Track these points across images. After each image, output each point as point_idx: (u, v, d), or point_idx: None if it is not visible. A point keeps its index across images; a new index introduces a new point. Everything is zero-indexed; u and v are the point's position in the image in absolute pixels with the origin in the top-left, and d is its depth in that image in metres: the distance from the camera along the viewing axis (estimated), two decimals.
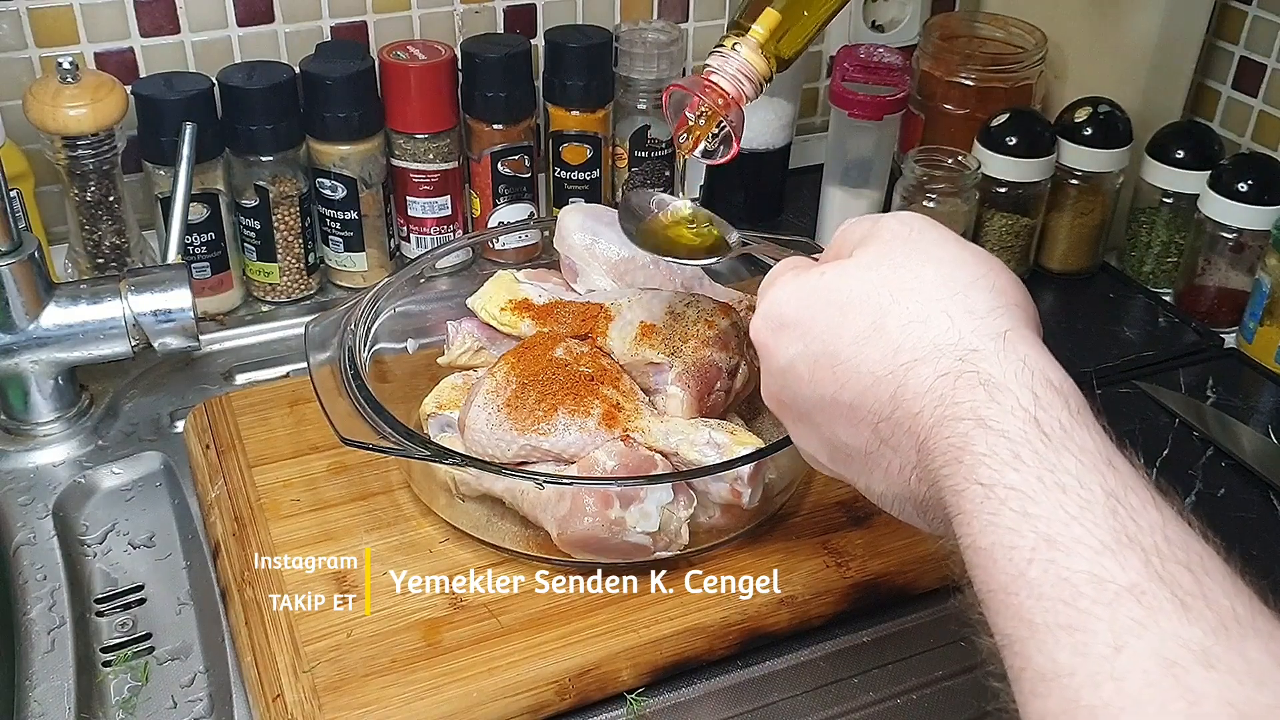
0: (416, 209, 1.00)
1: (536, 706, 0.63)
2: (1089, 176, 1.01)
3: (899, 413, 0.45)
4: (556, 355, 0.69)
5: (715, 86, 0.64)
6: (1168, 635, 0.34)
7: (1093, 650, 0.34)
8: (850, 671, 0.67)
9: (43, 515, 0.77)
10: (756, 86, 0.64)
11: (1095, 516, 0.37)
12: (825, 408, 0.49)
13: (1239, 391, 0.92)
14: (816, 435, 0.51)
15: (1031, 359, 0.43)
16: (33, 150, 0.91)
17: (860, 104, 1.03)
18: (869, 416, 0.46)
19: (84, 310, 0.79)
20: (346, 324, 0.73)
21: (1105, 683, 0.34)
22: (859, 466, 0.49)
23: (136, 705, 0.66)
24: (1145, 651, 0.33)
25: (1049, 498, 0.38)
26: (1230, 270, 0.98)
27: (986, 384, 0.42)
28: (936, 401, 0.43)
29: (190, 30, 0.98)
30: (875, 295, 0.47)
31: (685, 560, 0.69)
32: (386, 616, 0.65)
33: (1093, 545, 0.36)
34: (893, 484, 0.47)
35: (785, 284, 0.51)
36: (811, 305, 0.49)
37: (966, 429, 0.41)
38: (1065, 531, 0.37)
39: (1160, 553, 0.36)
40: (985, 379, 0.42)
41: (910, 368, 0.44)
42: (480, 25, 1.06)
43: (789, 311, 0.50)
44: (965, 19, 1.13)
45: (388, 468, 0.75)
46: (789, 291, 0.51)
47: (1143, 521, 0.37)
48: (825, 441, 0.50)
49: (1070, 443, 0.39)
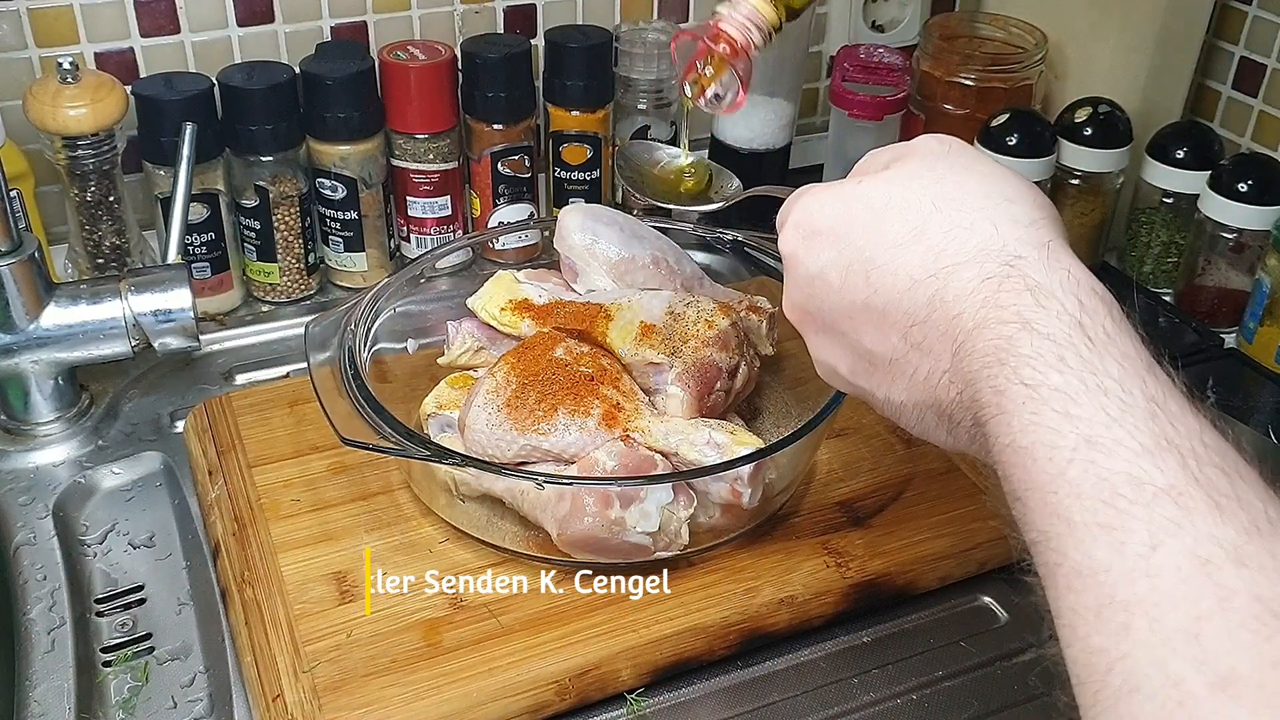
0: (416, 209, 1.00)
1: (536, 706, 0.63)
2: (1089, 176, 1.01)
3: (936, 315, 0.45)
4: (556, 355, 0.69)
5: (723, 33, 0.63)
6: (1202, 534, 0.34)
7: (1129, 548, 0.35)
8: (850, 671, 0.67)
9: (43, 515, 0.77)
10: (765, 35, 0.63)
11: (1136, 419, 0.38)
12: (854, 314, 0.49)
13: (1239, 391, 0.92)
14: (839, 345, 0.51)
15: (1075, 269, 0.44)
16: (33, 150, 0.91)
17: (860, 104, 1.03)
18: (902, 320, 0.46)
19: (84, 310, 0.79)
20: (346, 324, 0.73)
21: (1140, 579, 0.34)
22: (881, 376, 0.49)
23: (136, 705, 0.66)
24: (1180, 550, 0.34)
25: (1091, 400, 0.39)
26: (1230, 270, 0.98)
27: (1033, 289, 0.42)
28: (980, 304, 0.43)
29: (190, 30, 0.98)
30: (917, 202, 0.47)
31: (685, 560, 0.69)
32: (386, 616, 0.65)
33: (1133, 447, 0.37)
34: (916, 390, 0.47)
35: (819, 193, 0.51)
36: (849, 212, 0.49)
37: (1011, 331, 0.42)
38: (1106, 433, 0.38)
39: (1197, 456, 0.37)
40: (1032, 284, 0.43)
41: (953, 271, 0.45)
42: (480, 25, 1.06)
43: (822, 219, 0.50)
44: (965, 19, 1.13)
45: (388, 468, 0.75)
46: (824, 200, 0.50)
47: (1180, 426, 0.38)
48: (848, 351, 0.51)
49: (1113, 348, 0.40)
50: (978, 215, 0.45)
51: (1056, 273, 0.43)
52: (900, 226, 0.47)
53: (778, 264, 0.80)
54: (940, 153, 0.49)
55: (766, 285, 0.81)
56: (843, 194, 0.50)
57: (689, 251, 0.82)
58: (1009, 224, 0.45)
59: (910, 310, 0.46)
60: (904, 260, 0.46)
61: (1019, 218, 0.45)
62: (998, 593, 0.72)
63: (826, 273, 0.50)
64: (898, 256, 0.46)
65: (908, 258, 0.46)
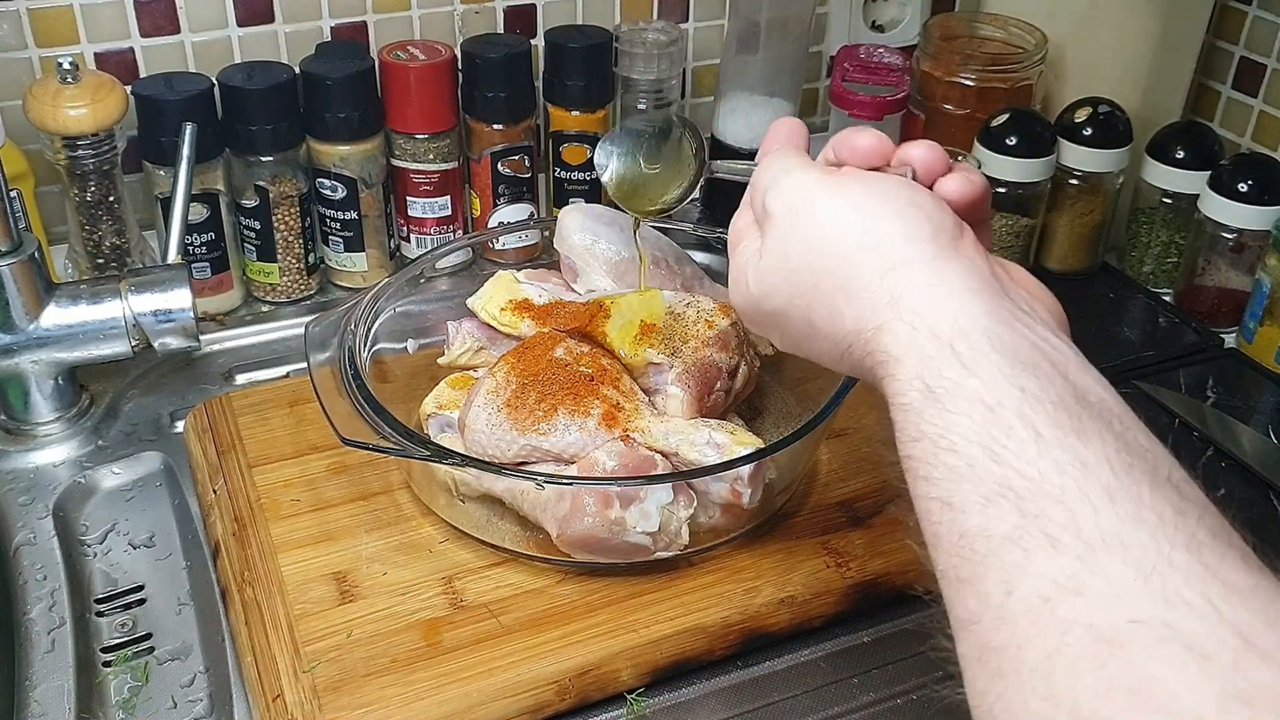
0: (416, 209, 1.00)
1: (536, 706, 0.63)
2: (1089, 176, 1.01)
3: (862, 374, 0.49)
4: (556, 355, 0.69)
5: None
6: (1041, 574, 0.36)
7: (991, 598, 0.37)
8: (850, 672, 0.67)
9: (43, 515, 0.77)
10: None
11: (978, 472, 0.40)
12: None
13: (1239, 391, 0.92)
14: None
15: (919, 313, 0.45)
16: (33, 150, 0.91)
17: (860, 104, 1.03)
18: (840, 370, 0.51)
19: (84, 310, 0.79)
20: (346, 324, 0.73)
21: (1001, 626, 0.37)
22: None
23: (136, 705, 0.66)
24: (1028, 592, 0.36)
25: (941, 461, 0.41)
26: (1230, 270, 0.98)
27: (885, 361, 0.45)
28: (870, 381, 0.47)
29: (190, 30, 0.98)
30: (795, 301, 0.51)
31: (685, 560, 0.69)
32: (386, 616, 0.65)
33: (977, 500, 0.39)
34: None
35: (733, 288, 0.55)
36: (757, 313, 0.54)
37: (889, 407, 0.45)
38: (956, 491, 0.40)
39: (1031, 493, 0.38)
40: (884, 356, 0.45)
41: (849, 354, 0.48)
42: (480, 25, 1.06)
43: (748, 316, 0.55)
44: (965, 19, 1.13)
45: (388, 468, 0.75)
46: (738, 299, 0.55)
47: (1020, 463, 0.39)
48: None
49: (959, 398, 0.42)
50: (838, 298, 0.48)
51: (903, 331, 0.45)
52: (798, 323, 0.51)
53: None
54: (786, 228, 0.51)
55: None
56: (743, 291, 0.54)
57: (689, 251, 0.82)
58: (861, 291, 0.47)
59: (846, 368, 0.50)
60: (819, 349, 0.51)
61: (868, 281, 0.47)
62: None
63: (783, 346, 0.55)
64: (814, 345, 0.51)
65: (820, 346, 0.51)
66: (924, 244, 0.47)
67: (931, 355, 0.43)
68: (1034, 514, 0.37)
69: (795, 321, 0.51)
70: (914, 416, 0.43)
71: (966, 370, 0.42)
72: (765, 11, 1.02)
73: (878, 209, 0.49)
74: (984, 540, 0.38)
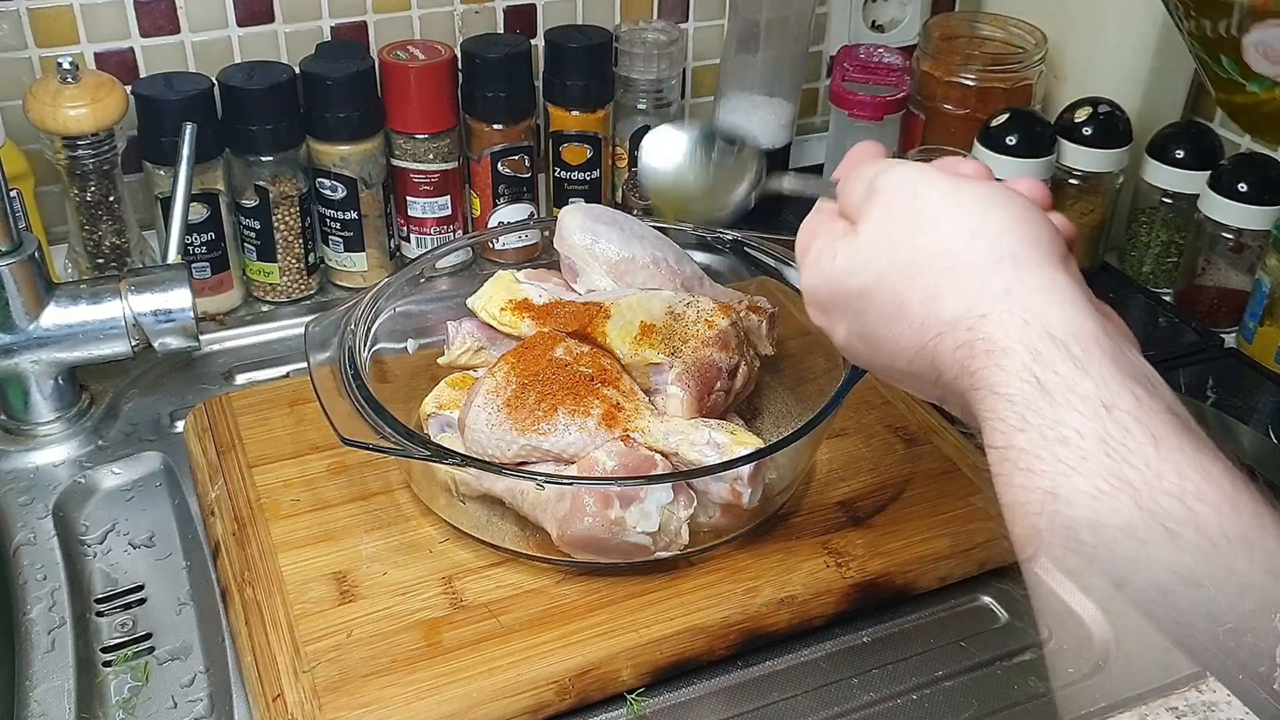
0: (416, 209, 1.00)
1: (536, 706, 0.63)
2: (1089, 176, 1.01)
3: (943, 377, 0.48)
4: (556, 355, 0.69)
5: None
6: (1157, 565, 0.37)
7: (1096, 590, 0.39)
8: (850, 671, 0.67)
9: (43, 515, 0.77)
10: None
11: (1091, 465, 0.40)
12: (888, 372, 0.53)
13: (1239, 391, 0.92)
14: None
15: (1034, 310, 0.45)
16: (33, 150, 0.91)
17: (860, 104, 1.03)
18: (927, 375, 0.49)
19: (84, 310, 0.79)
20: (346, 324, 0.73)
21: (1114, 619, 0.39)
22: None
23: (136, 705, 0.66)
24: (1144, 584, 0.37)
25: (1050, 453, 0.41)
26: (1230, 270, 0.98)
27: (991, 351, 0.45)
28: (959, 372, 0.46)
29: (190, 30, 0.98)
30: (888, 277, 0.49)
31: (685, 560, 0.69)
32: (386, 616, 0.65)
33: (1089, 492, 0.39)
34: None
35: (810, 269, 0.54)
36: (836, 293, 0.52)
37: (983, 396, 0.44)
38: (1065, 483, 0.40)
39: (1150, 486, 0.39)
40: (990, 346, 0.45)
41: (938, 341, 0.47)
42: (480, 25, 1.06)
43: (821, 298, 0.53)
44: (965, 19, 1.13)
45: (388, 468, 0.75)
46: (815, 279, 0.53)
47: (1137, 461, 0.39)
48: None
49: (1071, 394, 0.42)
50: (941, 279, 0.47)
51: (1014, 323, 0.45)
52: (883, 304, 0.49)
53: (778, 264, 0.80)
54: (899, 202, 0.50)
55: (766, 285, 0.81)
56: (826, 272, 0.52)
57: (689, 251, 0.82)
58: (970, 278, 0.47)
59: (925, 373, 0.49)
60: (898, 335, 0.49)
61: (979, 267, 0.47)
62: (998, 593, 0.72)
63: (851, 342, 0.53)
64: (892, 332, 0.49)
65: (901, 331, 0.49)
66: (1040, 249, 0.47)
67: (1043, 351, 0.43)
68: (1151, 509, 0.38)
69: (879, 302, 0.49)
70: (1020, 408, 0.43)
71: (1081, 370, 0.42)
72: (765, 11, 1.02)
73: (998, 207, 0.48)
74: (1092, 532, 0.39)
